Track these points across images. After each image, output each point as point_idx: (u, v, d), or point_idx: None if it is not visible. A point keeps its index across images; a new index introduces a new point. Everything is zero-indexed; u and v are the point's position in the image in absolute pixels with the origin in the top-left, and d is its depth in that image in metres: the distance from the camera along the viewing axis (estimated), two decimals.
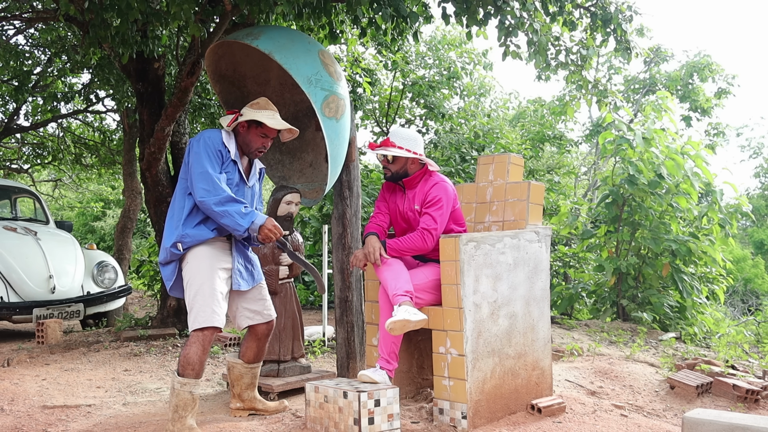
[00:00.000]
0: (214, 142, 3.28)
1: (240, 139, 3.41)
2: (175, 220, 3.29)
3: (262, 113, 3.36)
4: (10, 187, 8.34)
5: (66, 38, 8.47)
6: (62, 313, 6.71)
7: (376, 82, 11.04)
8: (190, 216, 3.27)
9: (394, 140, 3.67)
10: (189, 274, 3.25)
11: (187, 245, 3.24)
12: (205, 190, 3.16)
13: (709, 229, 7.74)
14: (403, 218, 3.77)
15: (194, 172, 3.21)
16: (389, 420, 3.16)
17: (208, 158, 3.22)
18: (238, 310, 3.47)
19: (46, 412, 3.82)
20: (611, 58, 14.85)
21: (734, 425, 2.78)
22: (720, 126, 16.10)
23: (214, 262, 3.26)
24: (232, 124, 3.37)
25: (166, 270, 3.35)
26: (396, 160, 3.68)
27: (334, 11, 5.75)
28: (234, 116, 3.39)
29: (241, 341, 3.60)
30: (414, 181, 3.72)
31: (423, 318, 3.37)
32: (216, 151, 3.26)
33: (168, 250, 3.28)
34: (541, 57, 5.69)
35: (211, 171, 3.19)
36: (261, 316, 3.49)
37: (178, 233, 3.24)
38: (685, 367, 4.75)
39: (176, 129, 6.47)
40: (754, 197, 24.16)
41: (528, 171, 12.00)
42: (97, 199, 20.55)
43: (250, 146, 3.41)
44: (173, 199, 3.36)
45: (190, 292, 3.23)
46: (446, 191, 3.65)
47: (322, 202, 9.59)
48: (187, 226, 3.25)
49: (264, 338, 3.54)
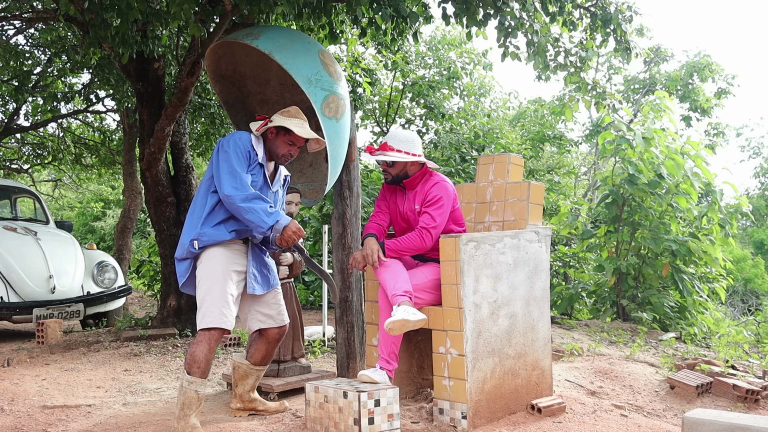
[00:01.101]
0: (244, 142, 3.30)
1: (268, 144, 3.44)
2: (195, 218, 3.31)
3: (291, 121, 3.40)
4: (10, 187, 8.35)
5: (66, 38, 8.47)
6: (62, 313, 6.71)
7: (376, 82, 11.05)
8: (211, 215, 3.29)
9: (392, 144, 3.65)
10: (201, 274, 3.27)
11: (203, 244, 3.26)
12: (233, 186, 3.18)
13: (709, 229, 7.74)
14: (403, 218, 3.76)
15: (222, 169, 3.23)
16: (389, 420, 3.16)
17: (237, 158, 3.25)
18: (251, 313, 3.48)
19: (46, 412, 3.82)
20: (611, 58, 14.85)
21: (734, 425, 2.78)
22: (720, 126, 16.10)
23: (227, 264, 3.27)
24: (261, 129, 3.41)
25: (180, 266, 3.37)
26: (395, 164, 3.67)
27: (334, 11, 5.75)
28: (264, 122, 3.41)
29: (248, 342, 3.61)
30: (414, 182, 3.72)
31: (422, 318, 3.37)
32: (245, 151, 3.29)
33: (184, 246, 3.30)
34: (540, 58, 5.69)
35: (239, 169, 3.22)
36: (274, 320, 3.50)
37: (197, 231, 3.27)
38: (685, 367, 4.75)
39: (176, 129, 6.47)
40: (754, 197, 24.17)
41: (528, 171, 12.00)
42: (97, 199, 20.55)
43: (277, 152, 3.44)
44: (196, 197, 3.38)
45: (201, 292, 3.25)
46: (446, 191, 3.64)
47: (322, 202, 9.59)
48: (207, 225, 3.27)
49: (275, 342, 3.55)
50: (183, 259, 3.35)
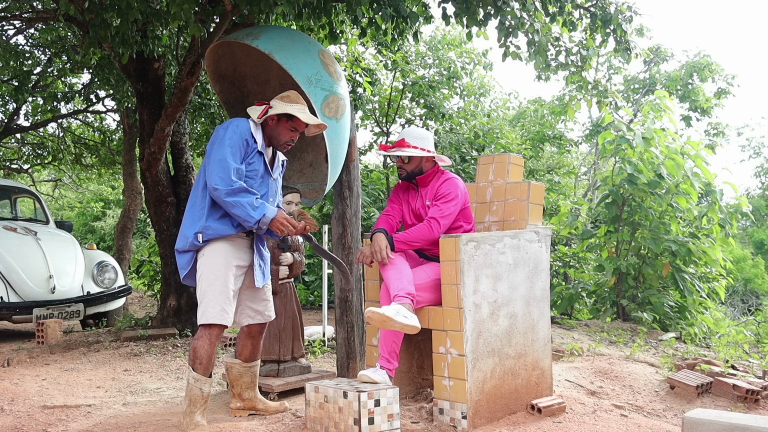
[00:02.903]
0: (241, 130, 3.23)
1: (268, 131, 3.37)
2: (197, 209, 3.25)
3: (293, 107, 3.33)
4: (10, 187, 8.35)
5: (66, 38, 8.47)
6: (62, 313, 6.71)
7: (376, 82, 11.03)
8: (214, 206, 3.23)
9: (409, 140, 3.72)
10: (203, 268, 3.24)
11: (208, 237, 3.21)
12: (220, 177, 3.11)
13: (709, 229, 7.74)
14: (416, 215, 3.80)
15: (213, 158, 3.16)
16: (389, 420, 3.16)
17: (232, 147, 3.17)
18: (242, 307, 3.46)
19: (46, 412, 3.82)
20: (611, 58, 14.84)
21: (734, 425, 2.78)
22: (720, 126, 16.09)
23: (230, 259, 3.25)
24: (262, 116, 3.33)
25: (182, 258, 3.31)
26: (411, 160, 3.73)
27: (334, 11, 5.75)
28: (264, 108, 3.34)
29: (237, 341, 3.62)
30: (427, 179, 3.78)
31: (411, 324, 3.28)
32: (242, 140, 3.22)
33: (187, 238, 3.24)
34: (540, 58, 5.69)
35: (230, 160, 3.15)
36: (262, 316, 3.50)
37: (201, 224, 3.21)
38: (685, 367, 4.75)
39: (176, 129, 6.48)
40: (755, 197, 24.17)
41: (528, 171, 11.99)
42: (97, 199, 20.55)
43: (279, 139, 3.39)
44: (195, 187, 3.31)
45: (202, 286, 3.23)
46: (457, 187, 3.71)
47: (322, 202, 9.60)
48: (211, 217, 3.22)
49: (258, 336, 3.55)
50: (184, 251, 3.29)
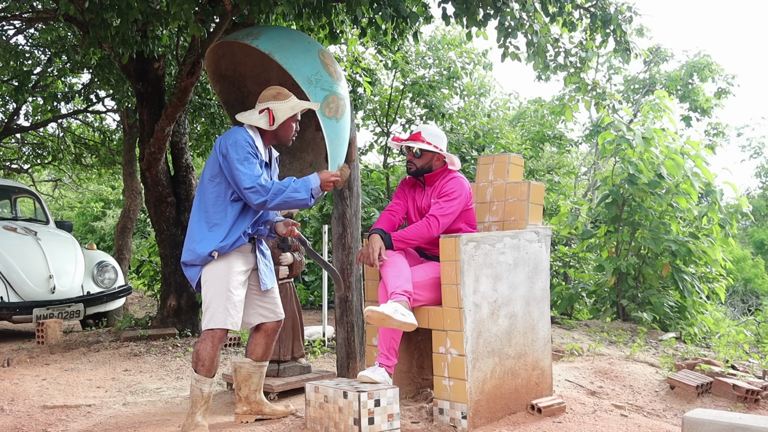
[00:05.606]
0: (248, 143, 3.23)
1: (271, 133, 3.37)
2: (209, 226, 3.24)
3: (290, 102, 3.35)
4: (10, 187, 8.35)
5: (66, 38, 8.47)
6: (62, 313, 6.71)
7: (376, 82, 11.04)
8: (234, 226, 3.24)
9: (425, 135, 3.75)
10: (209, 274, 3.24)
11: (223, 252, 3.22)
12: (257, 193, 3.14)
13: (709, 229, 7.74)
14: (421, 214, 3.81)
15: (242, 184, 3.15)
16: (389, 420, 3.16)
17: (248, 161, 3.18)
18: (252, 308, 3.45)
19: (46, 412, 3.82)
20: (611, 58, 14.83)
21: (734, 425, 2.78)
22: (720, 126, 16.08)
23: (235, 266, 3.26)
24: (273, 123, 3.31)
25: (190, 271, 3.30)
26: (422, 155, 3.75)
27: (334, 11, 5.75)
28: (270, 115, 3.31)
29: (248, 340, 3.59)
30: (434, 177, 3.80)
31: (408, 322, 3.31)
32: (253, 154, 3.23)
33: (198, 254, 3.22)
34: (540, 58, 5.69)
35: (252, 173, 3.15)
36: (275, 314, 3.51)
37: (217, 244, 3.20)
38: (685, 367, 4.75)
39: (176, 129, 6.47)
40: (755, 197, 24.15)
41: (528, 171, 11.99)
42: (97, 199, 20.54)
43: (287, 135, 3.41)
44: (203, 202, 3.28)
45: (208, 293, 3.23)
46: (462, 186, 3.72)
47: (322, 202, 9.59)
48: (230, 237, 3.22)
49: (273, 334, 3.53)
50: (193, 265, 3.27)
